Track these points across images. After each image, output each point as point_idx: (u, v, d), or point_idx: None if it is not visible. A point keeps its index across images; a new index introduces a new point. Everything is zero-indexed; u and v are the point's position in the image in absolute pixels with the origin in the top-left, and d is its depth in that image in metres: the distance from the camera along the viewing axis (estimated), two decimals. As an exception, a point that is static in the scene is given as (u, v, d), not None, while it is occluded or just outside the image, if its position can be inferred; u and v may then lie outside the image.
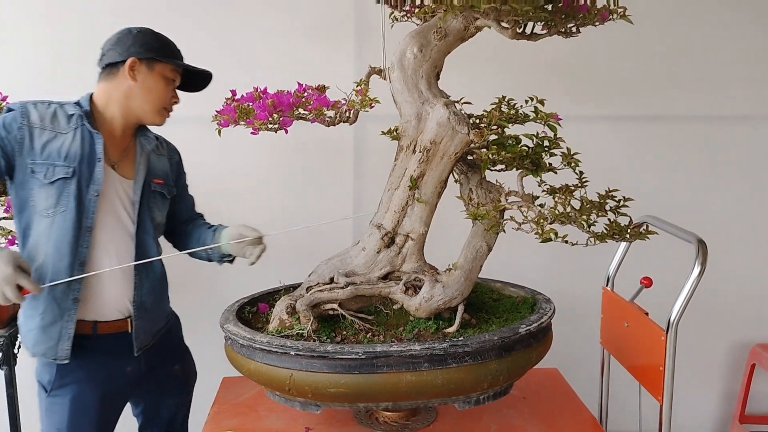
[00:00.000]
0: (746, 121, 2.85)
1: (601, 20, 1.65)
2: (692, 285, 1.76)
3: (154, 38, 1.88)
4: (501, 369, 1.64)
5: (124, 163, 1.89)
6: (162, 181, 1.97)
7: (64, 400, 1.84)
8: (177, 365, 2.10)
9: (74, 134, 1.79)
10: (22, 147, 1.74)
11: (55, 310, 1.79)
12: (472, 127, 1.70)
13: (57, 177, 1.75)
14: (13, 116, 1.76)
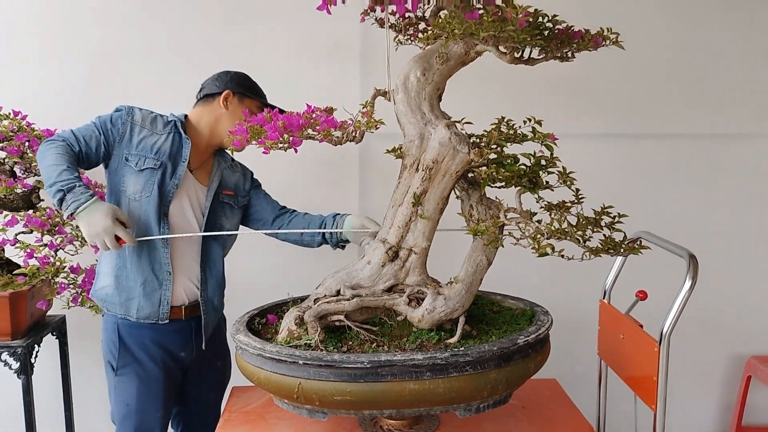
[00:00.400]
0: (739, 138, 2.94)
1: (594, 46, 1.73)
2: (683, 298, 1.83)
3: (247, 79, 2.23)
4: (500, 378, 1.71)
5: (201, 172, 2.19)
6: (232, 192, 2.25)
7: (131, 378, 2.12)
8: (219, 362, 2.28)
9: (167, 136, 2.10)
10: (122, 139, 2.06)
11: (154, 280, 2.09)
12: (473, 146, 1.78)
13: (146, 166, 2.05)
14: (120, 114, 2.09)
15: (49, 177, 1.90)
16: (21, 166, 2.43)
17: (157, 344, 2.13)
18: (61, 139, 2.00)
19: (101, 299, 2.14)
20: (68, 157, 1.94)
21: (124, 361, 2.12)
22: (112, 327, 2.13)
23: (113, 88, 2.75)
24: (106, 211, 1.88)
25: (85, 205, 1.87)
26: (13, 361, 2.35)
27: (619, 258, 2.27)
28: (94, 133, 2.04)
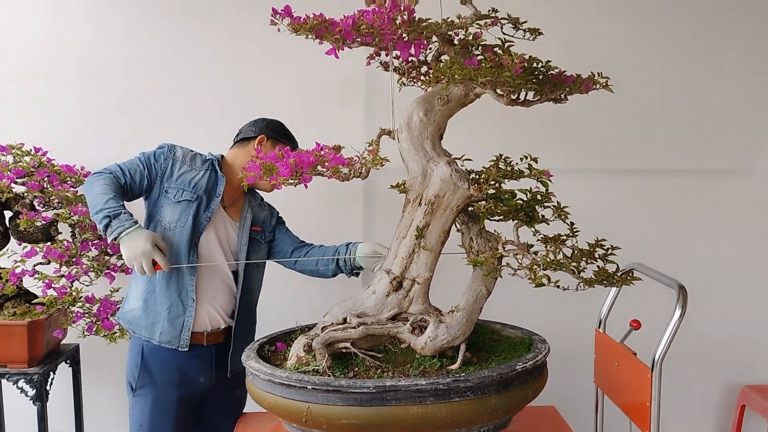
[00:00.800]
0: (727, 174, 3.05)
1: (585, 90, 1.85)
2: (674, 327, 1.92)
3: (280, 125, 2.41)
4: (500, 403, 1.79)
5: (232, 209, 2.36)
6: (260, 228, 2.40)
7: (146, 399, 2.23)
8: (238, 390, 2.34)
9: (205, 173, 2.28)
10: (164, 174, 2.23)
11: (179, 306, 2.21)
12: (472, 182, 1.89)
13: (183, 198, 2.22)
14: (162, 150, 2.27)
15: (96, 204, 2.06)
16: (40, 200, 2.53)
17: (177, 369, 2.23)
18: (108, 171, 2.17)
19: (128, 321, 2.26)
20: (114, 188, 2.11)
21: (143, 382, 2.23)
22: (136, 349, 2.25)
23: (128, 127, 2.88)
24: (146, 237, 2.04)
25: (129, 230, 2.03)
26: (30, 388, 2.42)
27: (613, 289, 2.36)
28: (139, 167, 2.21)
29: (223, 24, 2.90)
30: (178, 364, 2.24)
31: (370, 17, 1.78)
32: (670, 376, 3.01)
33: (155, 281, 2.22)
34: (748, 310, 3.09)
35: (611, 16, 2.98)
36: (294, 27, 1.82)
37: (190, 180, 2.24)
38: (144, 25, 2.89)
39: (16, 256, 2.48)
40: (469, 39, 1.90)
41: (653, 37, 3.00)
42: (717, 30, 3.01)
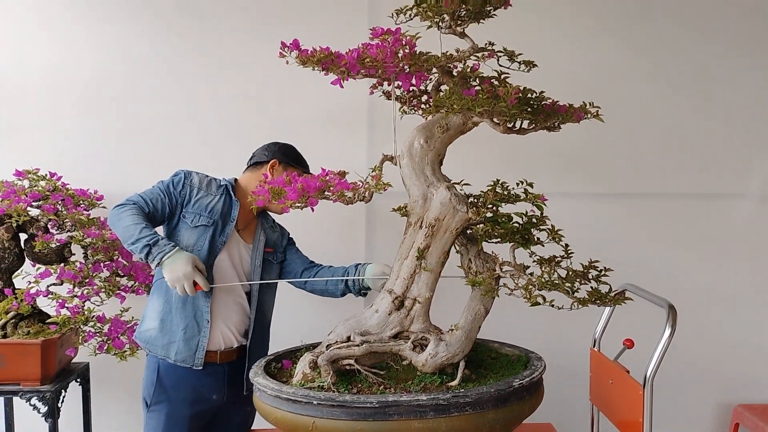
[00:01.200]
0: (719, 198, 3.15)
1: (576, 120, 1.95)
2: (664, 345, 2.00)
3: (292, 149, 2.49)
4: (498, 418, 1.86)
5: (246, 232, 2.45)
6: (272, 250, 2.49)
7: (159, 415, 2.31)
8: (249, 407, 2.38)
9: (220, 197, 2.37)
10: (183, 200, 2.33)
11: (194, 326, 2.30)
12: (471, 206, 1.98)
13: (200, 224, 2.31)
14: (180, 178, 2.37)
15: (130, 235, 2.16)
16: (54, 223, 2.62)
17: (191, 386, 2.31)
18: (131, 202, 2.25)
19: (145, 341, 2.34)
20: (143, 217, 2.21)
21: (158, 398, 2.31)
22: (153, 366, 2.32)
23: (139, 152, 2.99)
24: (186, 259, 2.15)
25: (170, 254, 2.14)
26: (42, 405, 2.49)
27: (607, 309, 2.44)
28: (160, 196, 2.30)
29: (233, 53, 3.01)
30: (192, 381, 2.32)
31: (374, 51, 1.88)
32: (665, 396, 3.11)
33: (171, 302, 2.30)
34: (741, 330, 3.17)
35: (606, 48, 3.10)
36: (302, 59, 1.93)
37: (206, 205, 2.33)
38: (153, 55, 3.00)
39: (29, 277, 2.56)
40: (467, 71, 2.00)
41: (646, 68, 3.12)
42: (707, 60, 3.12)
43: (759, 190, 3.15)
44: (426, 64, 1.95)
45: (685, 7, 3.12)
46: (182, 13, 2.99)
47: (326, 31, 2.57)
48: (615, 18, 3.10)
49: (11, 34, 2.96)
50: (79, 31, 2.99)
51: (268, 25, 2.98)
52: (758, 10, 3.12)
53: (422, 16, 1.97)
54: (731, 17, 3.12)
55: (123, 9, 2.98)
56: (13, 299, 2.52)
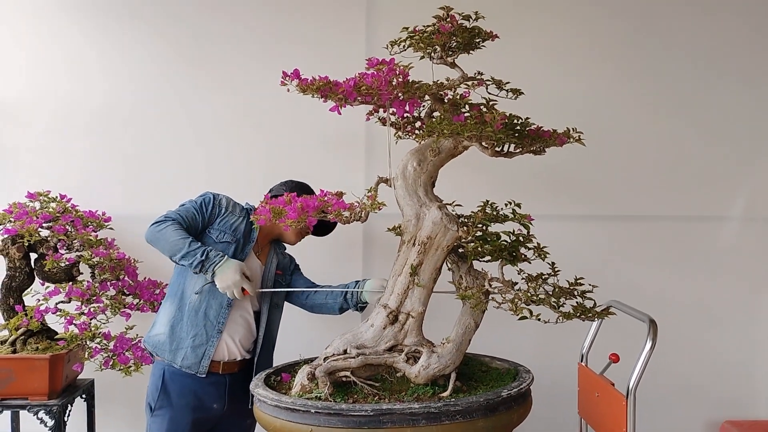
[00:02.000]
0: (706, 220, 3.27)
1: (560, 144, 2.08)
2: (646, 357, 2.10)
3: (306, 188, 2.61)
4: (487, 426, 1.95)
5: (262, 255, 2.60)
6: (281, 272, 2.64)
7: (163, 419, 2.41)
8: (249, 420, 2.47)
9: (243, 220, 2.52)
10: (211, 217, 2.47)
11: (203, 335, 2.41)
12: (461, 225, 2.10)
13: (224, 240, 2.46)
14: (209, 198, 2.51)
15: (179, 249, 2.31)
16: (63, 243, 2.72)
17: (193, 394, 2.40)
18: (170, 219, 2.38)
19: (153, 345, 2.44)
20: (185, 231, 2.37)
21: (161, 404, 2.41)
22: (158, 373, 2.42)
23: (145, 176, 3.11)
24: (235, 268, 2.33)
25: (220, 264, 2.32)
26: (49, 418, 2.57)
27: (594, 325, 2.54)
28: (194, 214, 2.44)
29: (236, 81, 3.13)
30: (194, 389, 2.41)
31: (369, 80, 2.02)
32: (655, 413, 3.21)
33: (184, 310, 2.42)
34: (727, 349, 3.26)
35: (593, 76, 3.24)
36: (302, 88, 2.07)
37: (231, 224, 2.48)
38: (159, 83, 3.13)
39: (38, 296, 2.67)
40: (457, 98, 2.13)
41: (632, 95, 3.25)
42: (691, 87, 3.26)
43: (741, 212, 3.27)
44: (418, 92, 2.08)
45: (671, 36, 3.27)
46: (188, 44, 3.13)
47: (326, 61, 2.71)
48: (603, 47, 3.25)
49: (25, 63, 3.09)
50: (89, 60, 3.12)
51: (270, 54, 3.11)
52: (743, 38, 3.27)
53: (415, 47, 2.11)
54: (717, 46, 3.27)
55: (131, 38, 3.12)
56: (23, 316, 2.62)
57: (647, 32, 3.27)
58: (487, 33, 2.15)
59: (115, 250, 2.78)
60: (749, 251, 3.27)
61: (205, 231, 2.47)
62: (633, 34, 3.26)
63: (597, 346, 2.59)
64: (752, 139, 3.29)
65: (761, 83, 3.28)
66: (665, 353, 3.21)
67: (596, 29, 3.26)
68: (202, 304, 2.42)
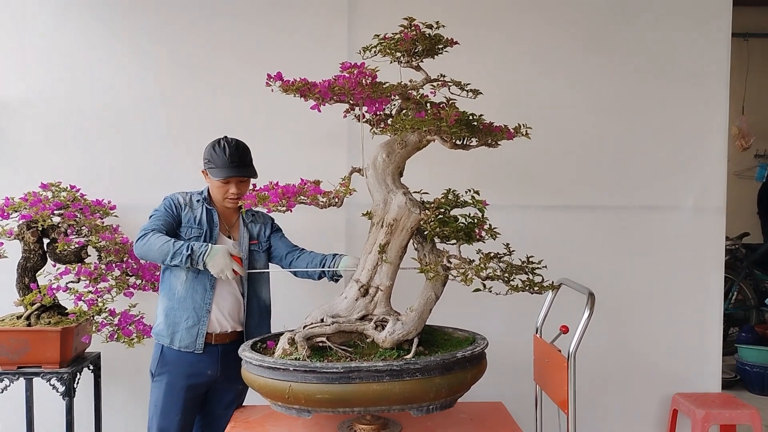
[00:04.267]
0: (659, 210, 3.56)
1: (509, 137, 2.37)
2: (584, 324, 2.39)
3: (210, 151, 2.76)
4: (443, 383, 2.23)
5: (234, 230, 2.86)
6: (256, 241, 2.87)
7: (161, 384, 2.73)
8: (241, 385, 2.70)
9: (201, 210, 2.78)
10: (178, 218, 2.73)
11: (194, 317, 2.70)
12: (423, 209, 2.39)
13: (192, 235, 2.73)
14: (169, 202, 2.76)
15: (167, 253, 2.56)
16: (73, 228, 3.01)
17: (188, 362, 2.71)
18: (150, 230, 2.63)
19: (156, 334, 2.77)
20: (166, 235, 2.61)
21: (160, 371, 2.72)
22: (158, 347, 2.76)
23: (149, 167, 3.40)
24: (222, 252, 2.56)
25: (207, 253, 2.55)
26: (60, 385, 2.86)
27: (547, 300, 2.83)
28: (166, 219, 2.70)
29: (229, 80, 3.41)
30: (189, 359, 2.71)
31: (341, 81, 2.31)
32: (613, 390, 3.52)
33: (174, 299, 2.70)
34: (677, 329, 3.55)
35: (554, 77, 3.52)
36: (284, 88, 2.35)
37: (193, 218, 2.74)
38: (159, 82, 3.41)
39: (50, 275, 2.95)
40: (419, 98, 2.42)
41: (587, 95, 3.53)
42: (645, 87, 3.55)
43: (692, 202, 3.55)
44: (386, 91, 2.37)
45: (623, 40, 3.56)
46: (185, 46, 3.41)
47: (311, 66, 2.97)
48: (561, 51, 3.53)
49: (37, 64, 3.38)
50: (95, 61, 3.39)
51: (261, 58, 3.38)
52: (691, 42, 3.56)
53: (383, 52, 2.41)
54: (667, 48, 3.55)
55: (134, 39, 3.41)
56: (37, 293, 2.91)
57: (601, 35, 3.55)
58: (447, 40, 2.44)
59: (119, 235, 3.07)
60: (699, 239, 3.56)
61: (176, 233, 2.72)
62: (587, 38, 3.55)
63: (555, 322, 2.86)
64: (702, 134, 3.57)
65: (708, 83, 3.56)
66: (621, 333, 3.53)
67: (554, 33, 3.54)
68: (188, 291, 2.71)
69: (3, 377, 2.86)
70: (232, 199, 2.76)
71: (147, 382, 2.77)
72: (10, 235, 2.93)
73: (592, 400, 3.40)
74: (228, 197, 2.76)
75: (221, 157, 2.74)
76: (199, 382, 2.75)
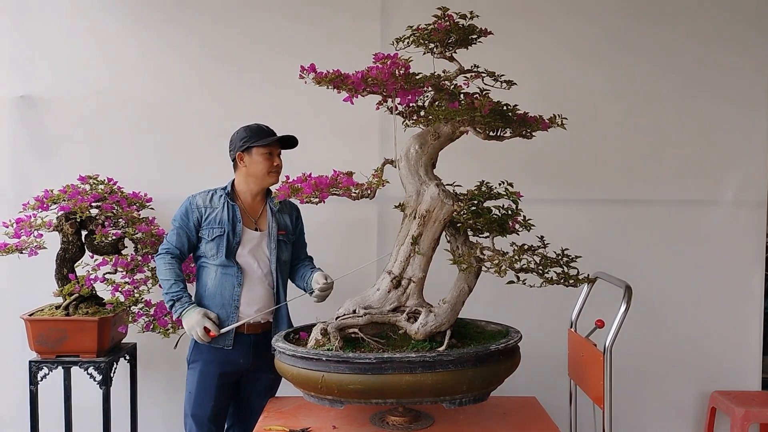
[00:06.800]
0: (698, 204, 3.49)
1: (545, 128, 2.33)
2: (621, 318, 2.35)
3: (240, 133, 2.79)
4: (476, 376, 2.23)
5: (261, 222, 2.85)
6: (284, 232, 2.87)
7: (195, 371, 2.78)
8: (272, 375, 2.73)
9: (223, 208, 2.78)
10: (197, 222, 2.76)
11: (223, 313, 2.74)
12: (456, 200, 2.37)
13: (215, 235, 2.75)
14: (185, 207, 2.79)
15: (163, 288, 2.72)
16: (110, 220, 3.06)
17: (221, 352, 2.73)
18: (164, 251, 2.75)
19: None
20: (175, 268, 2.72)
21: (194, 358, 2.76)
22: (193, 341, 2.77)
23: (183, 160, 3.43)
24: (197, 313, 2.65)
25: (186, 311, 2.66)
26: (97, 374, 2.92)
27: (582, 294, 2.79)
28: (180, 236, 2.76)
29: (262, 75, 3.43)
30: (223, 350, 2.74)
31: (374, 72, 2.30)
32: (651, 387, 3.46)
33: (205, 294, 2.77)
34: (715, 326, 3.48)
35: (590, 68, 3.46)
36: (317, 79, 2.36)
37: (214, 218, 2.75)
38: (194, 78, 3.44)
39: (88, 267, 3.01)
40: (452, 88, 2.40)
41: (625, 87, 3.47)
42: (682, 79, 3.47)
43: (732, 196, 3.47)
44: (419, 82, 2.36)
45: (663, 30, 3.48)
46: (218, 43, 3.44)
47: (344, 58, 2.97)
48: (597, 42, 3.47)
49: (74, 61, 3.44)
50: (132, 59, 3.44)
51: (293, 52, 3.38)
52: (732, 32, 3.48)
53: (416, 43, 2.40)
54: (708, 39, 3.48)
55: (169, 39, 3.45)
56: (75, 284, 2.96)
57: (638, 25, 3.48)
58: (481, 30, 2.42)
59: (155, 227, 3.11)
60: (739, 233, 3.48)
61: (198, 235, 2.76)
62: (625, 28, 3.48)
63: (590, 316, 2.81)
64: (742, 127, 3.48)
65: (749, 76, 3.48)
66: (657, 328, 3.47)
67: (589, 24, 3.48)
68: (217, 288, 2.75)
69: (42, 366, 2.93)
70: (275, 173, 2.79)
71: (181, 373, 2.80)
72: (49, 227, 2.99)
73: (627, 395, 3.33)
74: (272, 171, 2.78)
75: (258, 129, 2.79)
76: (231, 371, 2.77)
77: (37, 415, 2.97)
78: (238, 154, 2.78)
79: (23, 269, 3.22)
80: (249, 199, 2.83)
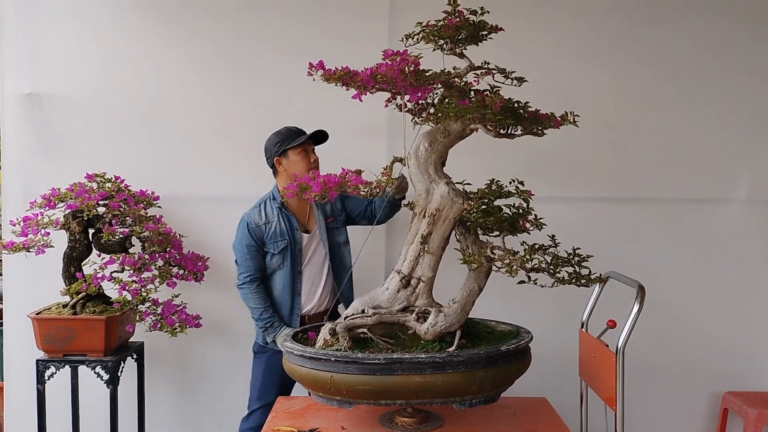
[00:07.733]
0: (710, 203, 3.45)
1: (556, 125, 2.30)
2: (633, 318, 2.31)
3: (274, 137, 2.92)
4: (486, 377, 2.20)
5: (310, 221, 3.02)
6: (331, 218, 3.03)
7: (261, 360, 3.00)
8: None
9: (278, 218, 2.93)
10: (259, 240, 2.90)
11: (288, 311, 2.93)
12: (466, 199, 2.34)
13: (281, 248, 2.91)
14: (244, 229, 2.92)
15: (254, 314, 2.93)
16: (117, 218, 3.04)
17: None
18: (247, 280, 2.91)
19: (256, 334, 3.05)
20: (262, 294, 2.91)
21: (262, 349, 2.99)
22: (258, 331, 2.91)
23: (189, 159, 3.41)
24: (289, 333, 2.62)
25: (278, 334, 2.85)
26: (104, 373, 2.90)
27: (593, 295, 2.76)
28: (255, 257, 2.90)
29: (271, 74, 3.40)
30: None
31: (384, 69, 2.27)
32: (662, 387, 3.41)
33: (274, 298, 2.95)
34: (728, 326, 3.44)
35: (601, 65, 3.42)
36: (325, 77, 2.33)
37: (275, 231, 2.89)
38: (201, 76, 3.41)
39: (95, 265, 2.99)
40: (463, 85, 2.37)
41: (636, 83, 3.42)
42: (695, 76, 3.43)
43: (745, 195, 3.42)
44: (428, 79, 2.32)
45: (674, 26, 3.43)
46: (226, 42, 3.41)
47: (352, 55, 2.94)
48: (607, 38, 3.42)
49: (82, 59, 3.42)
50: (139, 54, 3.42)
51: (301, 50, 3.34)
52: (745, 28, 3.43)
53: (426, 39, 2.36)
54: (720, 35, 3.43)
55: (178, 37, 3.42)
56: (83, 282, 2.95)
57: (651, 23, 3.43)
58: (492, 26, 2.38)
59: (162, 226, 3.09)
60: (751, 232, 3.43)
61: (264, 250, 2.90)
62: (637, 26, 3.43)
63: (601, 316, 2.78)
64: (754, 125, 3.44)
65: (761, 73, 3.43)
66: (668, 328, 3.43)
67: (601, 21, 3.44)
68: (282, 295, 2.93)
69: (49, 365, 2.91)
70: (314, 168, 2.87)
71: (188, 372, 2.80)
72: (56, 225, 2.97)
73: (639, 396, 3.30)
74: (312, 167, 2.87)
75: (289, 132, 2.90)
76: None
77: (44, 415, 2.95)
78: (276, 159, 2.88)
79: (30, 268, 3.21)
80: (295, 202, 2.94)
